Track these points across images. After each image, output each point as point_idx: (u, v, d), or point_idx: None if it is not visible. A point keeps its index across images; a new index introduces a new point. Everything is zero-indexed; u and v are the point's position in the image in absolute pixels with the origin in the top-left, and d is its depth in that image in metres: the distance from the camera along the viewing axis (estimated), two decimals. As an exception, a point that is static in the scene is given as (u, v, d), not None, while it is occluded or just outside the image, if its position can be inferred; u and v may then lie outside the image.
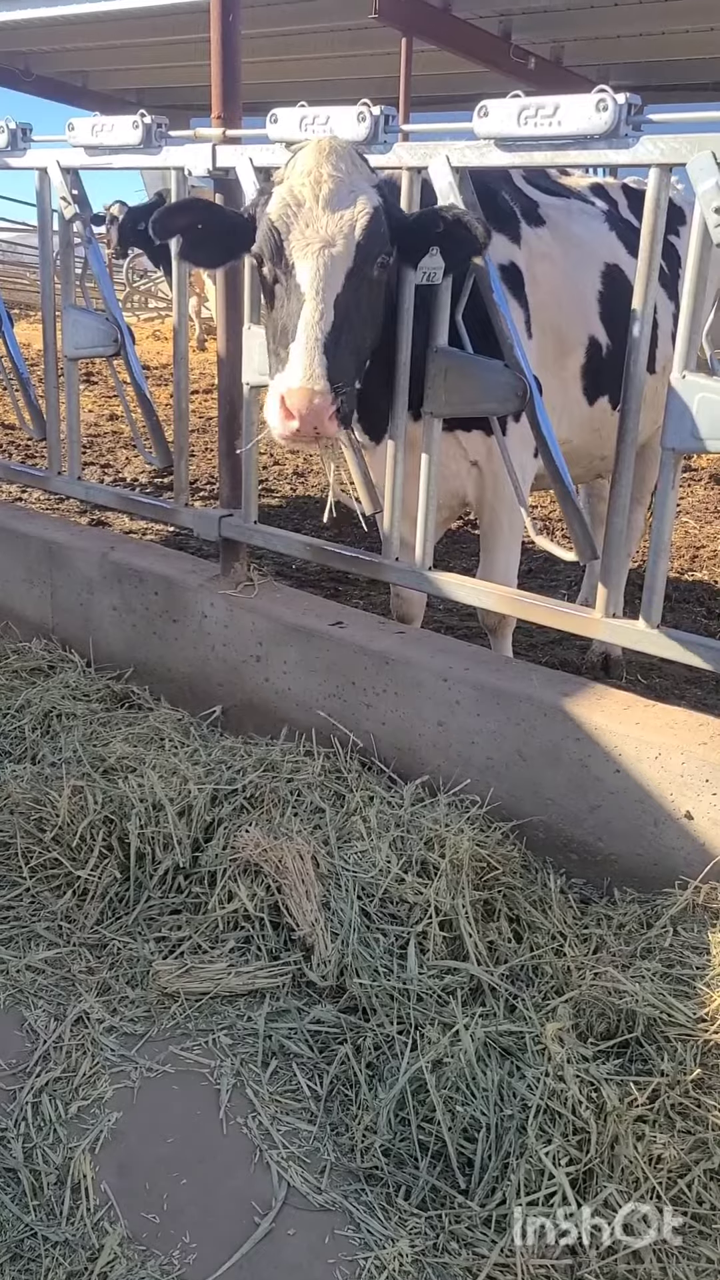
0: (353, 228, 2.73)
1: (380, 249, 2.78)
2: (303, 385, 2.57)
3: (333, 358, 2.60)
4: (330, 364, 2.59)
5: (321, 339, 2.61)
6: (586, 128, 2.60)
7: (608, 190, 4.25)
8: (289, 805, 3.07)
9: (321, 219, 2.73)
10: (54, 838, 3.03)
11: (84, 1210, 2.09)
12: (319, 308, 2.65)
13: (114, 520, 6.55)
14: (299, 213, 2.74)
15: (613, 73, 11.15)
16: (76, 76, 14.29)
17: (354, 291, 2.73)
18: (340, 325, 2.67)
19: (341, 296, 2.70)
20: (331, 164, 2.76)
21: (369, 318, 2.85)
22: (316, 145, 2.81)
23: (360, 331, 2.80)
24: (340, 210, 2.74)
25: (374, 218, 2.75)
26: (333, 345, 2.62)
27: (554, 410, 3.59)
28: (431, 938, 2.66)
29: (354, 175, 2.79)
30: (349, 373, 2.72)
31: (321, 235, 2.72)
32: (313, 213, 2.74)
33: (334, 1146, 2.26)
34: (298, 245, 2.72)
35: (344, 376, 2.65)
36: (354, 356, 2.78)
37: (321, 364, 2.58)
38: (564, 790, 2.99)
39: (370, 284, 2.79)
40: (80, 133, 3.75)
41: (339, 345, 2.65)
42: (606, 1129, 2.12)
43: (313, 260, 2.71)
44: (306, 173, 2.75)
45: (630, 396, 2.82)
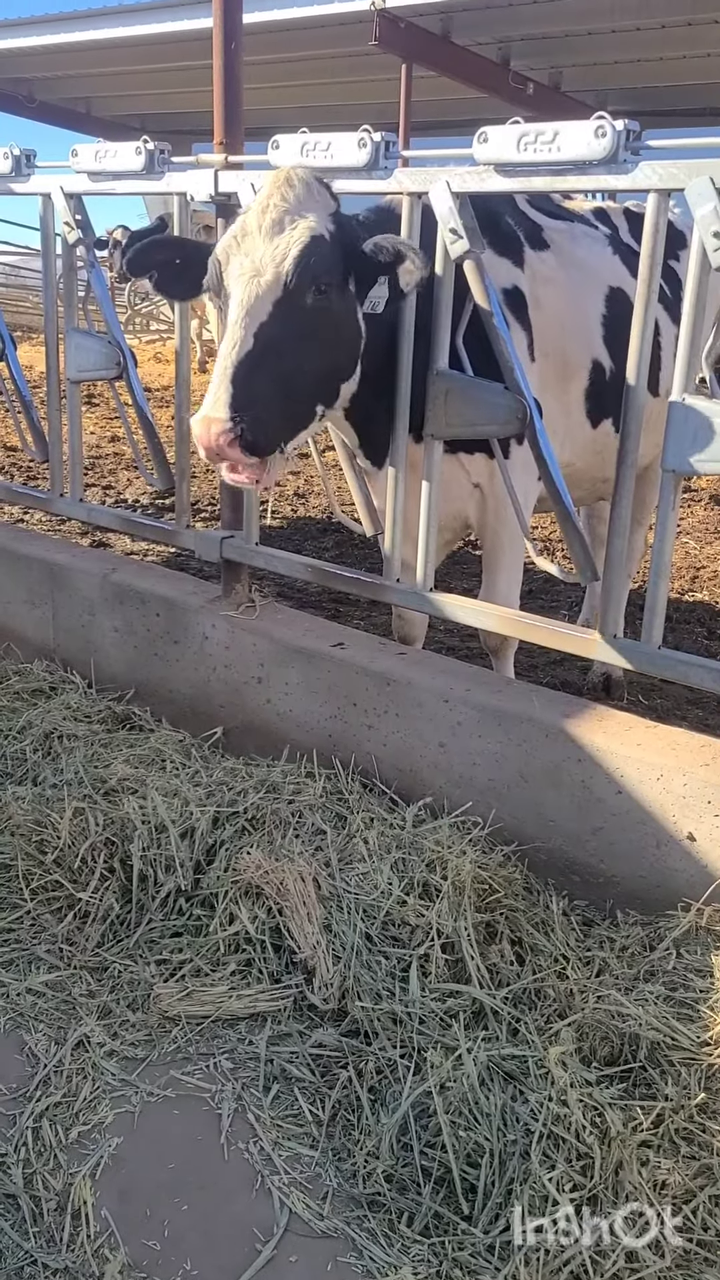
0: (285, 256, 2.73)
1: (316, 277, 2.76)
2: (205, 414, 2.66)
3: (244, 388, 2.66)
4: (238, 394, 2.65)
5: (231, 370, 2.68)
6: (585, 153, 2.63)
7: (610, 214, 4.29)
8: (290, 827, 3.06)
9: (258, 248, 2.75)
10: (55, 860, 3.02)
11: (84, 1237, 2.07)
12: (237, 337, 2.70)
13: (115, 542, 6.57)
14: (241, 243, 2.78)
15: (611, 98, 11.29)
16: (80, 103, 14.45)
17: (283, 320, 2.73)
18: (262, 355, 2.69)
19: (267, 325, 2.72)
20: (281, 194, 2.78)
21: (308, 346, 2.83)
22: (274, 175, 2.85)
23: (293, 360, 2.79)
24: (276, 239, 2.75)
25: (309, 245, 2.73)
26: (246, 375, 2.67)
27: (557, 433, 3.61)
28: (433, 960, 2.65)
29: (304, 203, 2.79)
30: (266, 402, 2.73)
31: (252, 263, 2.74)
32: (253, 241, 2.76)
33: (336, 1172, 2.24)
34: (232, 275, 2.76)
35: (255, 406, 2.68)
36: (277, 385, 2.77)
37: (227, 394, 2.65)
38: (566, 812, 2.98)
39: (306, 311, 2.77)
40: (84, 159, 3.79)
41: (255, 375, 2.69)
42: (610, 1154, 2.11)
43: (240, 289, 2.74)
44: (260, 204, 2.78)
45: (630, 418, 2.84)
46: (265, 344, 2.70)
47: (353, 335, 3.03)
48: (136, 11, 10.27)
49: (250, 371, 2.68)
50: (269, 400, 2.75)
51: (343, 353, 3.04)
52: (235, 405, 2.64)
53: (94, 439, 9.69)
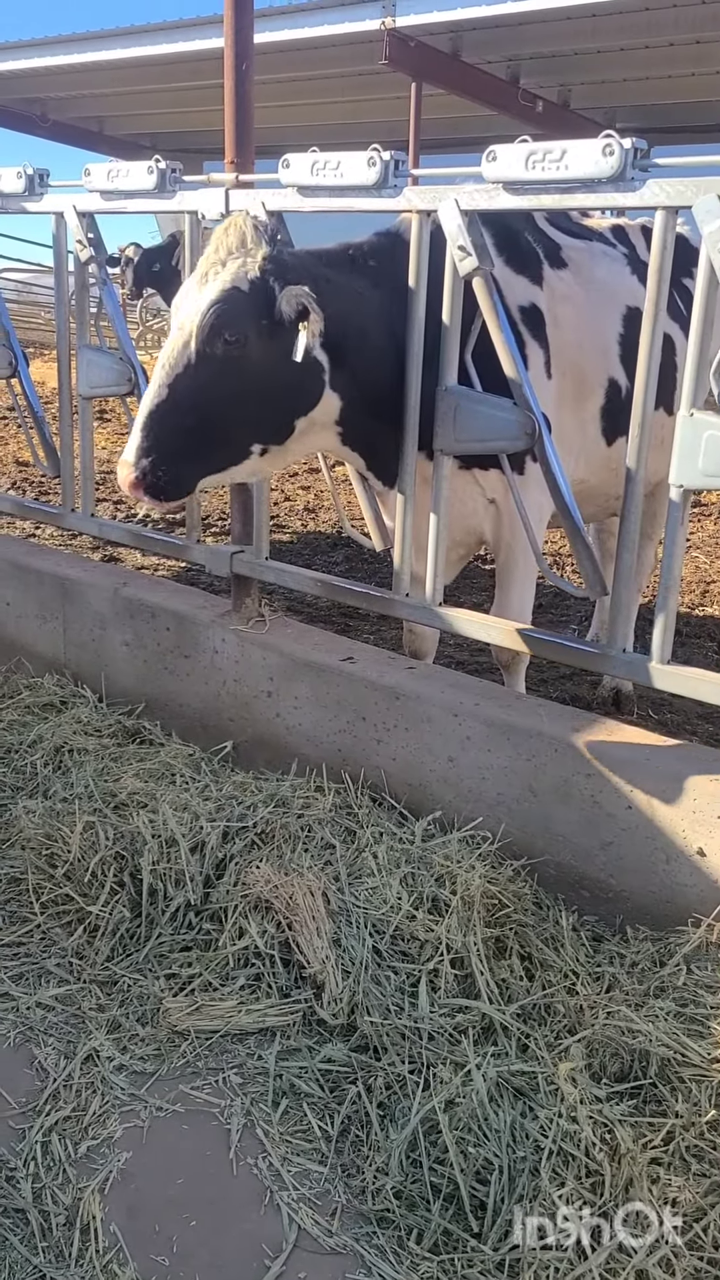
0: (198, 312, 2.88)
1: (228, 329, 2.87)
2: (122, 458, 2.89)
3: (151, 436, 2.86)
4: (145, 442, 2.86)
5: (143, 418, 2.88)
6: (593, 171, 2.65)
7: (628, 232, 4.31)
8: (299, 841, 3.06)
9: (188, 300, 2.93)
10: (65, 874, 3.03)
11: (93, 1252, 2.07)
12: (154, 389, 2.90)
13: (126, 556, 6.60)
14: (187, 294, 2.96)
15: (619, 115, 11.34)
16: (92, 122, 14.58)
17: (196, 372, 2.88)
18: (173, 405, 2.88)
19: (182, 377, 2.89)
20: (216, 244, 2.93)
21: (220, 395, 2.94)
22: (222, 224, 2.98)
23: (205, 409, 2.92)
24: (199, 296, 2.91)
25: (220, 300, 2.87)
26: (156, 425, 2.87)
27: (572, 450, 3.62)
28: (443, 975, 2.64)
29: (232, 255, 2.92)
30: (173, 450, 2.91)
31: (176, 319, 2.93)
32: (190, 292, 2.94)
33: (345, 1188, 2.23)
34: (170, 325, 2.96)
35: (161, 453, 2.88)
36: (187, 434, 2.92)
37: (138, 443, 2.87)
38: (575, 826, 2.98)
39: (219, 362, 2.89)
40: (96, 178, 3.83)
41: (164, 425, 2.88)
42: (621, 1171, 2.10)
43: (167, 342, 2.94)
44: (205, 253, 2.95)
45: (638, 433, 2.85)
46: (177, 394, 2.88)
47: (292, 378, 3.06)
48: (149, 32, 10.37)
49: (160, 421, 2.88)
50: (176, 448, 2.92)
51: (278, 397, 3.08)
52: (142, 452, 2.85)
53: (105, 454, 9.74)
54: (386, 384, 3.24)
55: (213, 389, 2.91)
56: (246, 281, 2.91)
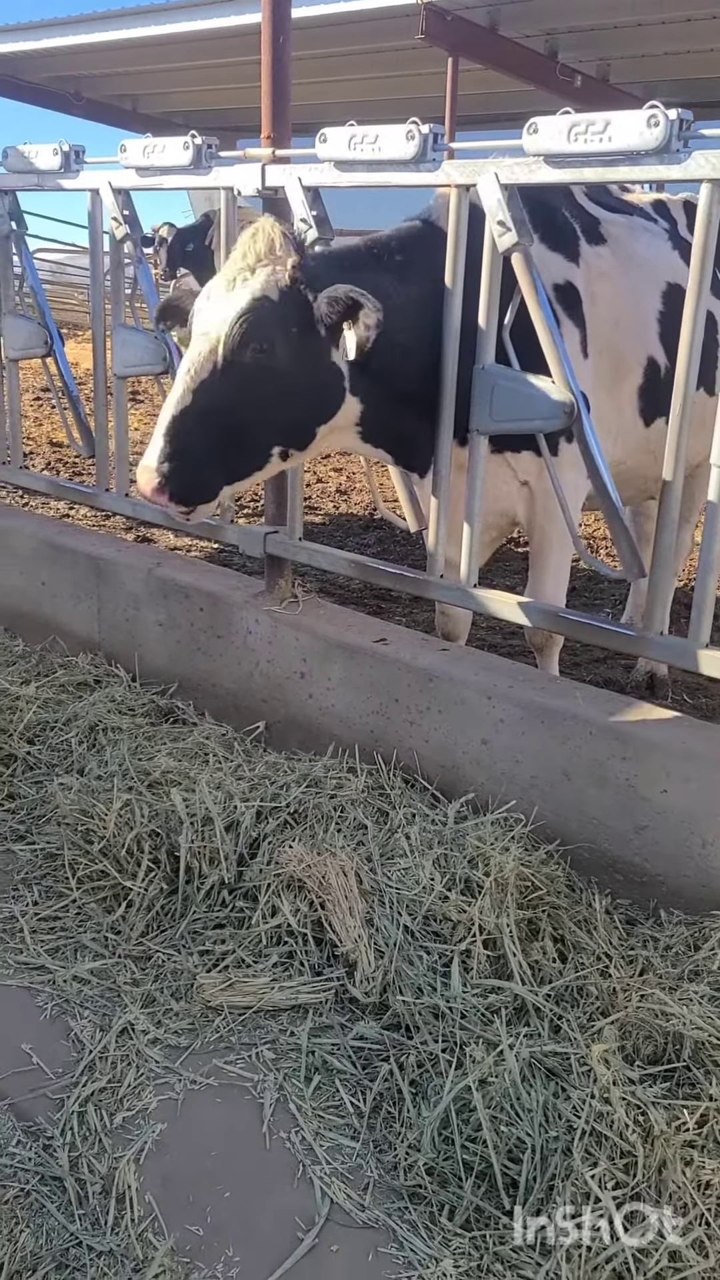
0: (225, 319, 2.84)
1: (257, 337, 2.84)
2: (143, 462, 2.86)
3: (175, 443, 2.83)
4: (169, 448, 2.83)
5: (167, 424, 2.85)
6: (637, 143, 2.60)
7: (669, 207, 4.23)
8: (332, 822, 3.07)
9: (213, 307, 2.90)
10: (101, 850, 3.05)
11: (128, 1220, 2.10)
12: (178, 393, 2.86)
13: (159, 537, 6.62)
14: (209, 298, 2.92)
15: (659, 90, 11.15)
16: (126, 100, 14.55)
17: (222, 379, 2.85)
18: (198, 412, 2.84)
19: (207, 384, 2.85)
20: (244, 250, 2.89)
21: (248, 403, 2.92)
22: (247, 230, 2.93)
23: (230, 416, 2.90)
24: (226, 303, 2.88)
25: (249, 308, 2.83)
26: (180, 431, 2.84)
27: (609, 431, 3.58)
28: (475, 956, 2.64)
29: (260, 262, 2.87)
30: (196, 457, 2.89)
31: (200, 326, 2.89)
32: (214, 298, 2.90)
33: (377, 1164, 2.25)
34: (194, 331, 2.91)
35: (184, 460, 2.86)
36: (211, 441, 2.90)
37: (160, 449, 2.85)
38: (610, 810, 2.96)
39: (246, 369, 2.86)
40: (132, 154, 3.82)
41: (189, 431, 2.84)
42: (654, 1153, 2.10)
43: (191, 348, 2.89)
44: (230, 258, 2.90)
45: (680, 412, 2.81)
46: (203, 401, 2.85)
47: (316, 383, 3.05)
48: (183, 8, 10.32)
49: (184, 427, 2.85)
50: (199, 455, 2.90)
51: (302, 403, 3.07)
52: (165, 457, 2.83)
53: (139, 435, 9.76)
54: (413, 381, 3.20)
55: (239, 397, 2.89)
56: (277, 290, 2.88)
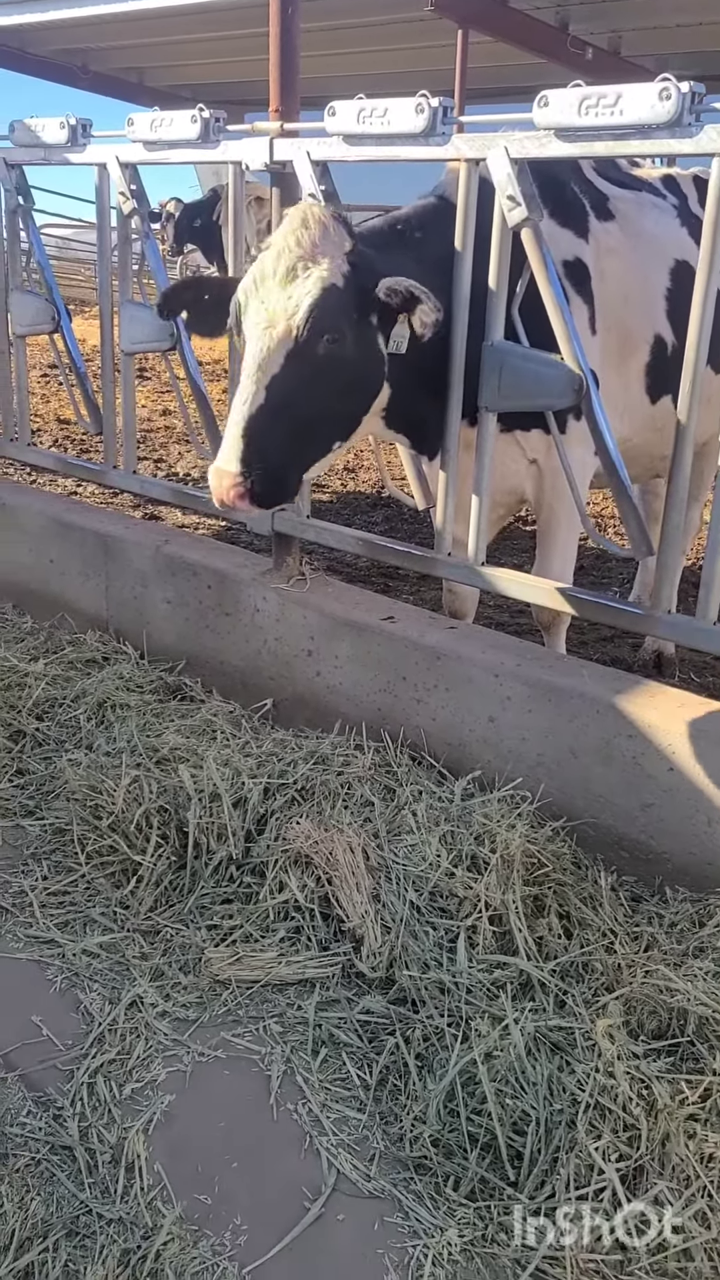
0: (296, 308, 2.73)
1: (329, 327, 2.75)
2: (218, 466, 2.73)
3: (253, 442, 2.71)
4: (248, 449, 2.70)
5: (243, 423, 2.72)
6: (649, 117, 2.57)
7: (679, 182, 4.19)
8: (339, 798, 3.09)
9: (272, 297, 2.76)
10: (110, 825, 3.07)
11: (138, 1189, 2.13)
12: (249, 390, 2.73)
13: (167, 515, 6.62)
14: (259, 288, 2.78)
15: (671, 63, 10.98)
16: (132, 73, 14.41)
17: (296, 371, 2.75)
18: (273, 408, 2.72)
19: (279, 378, 2.74)
20: (297, 237, 2.77)
21: (319, 395, 2.84)
22: (292, 214, 2.83)
23: (304, 410, 2.81)
24: (288, 289, 2.75)
25: (320, 297, 2.72)
26: (257, 430, 2.71)
27: (616, 408, 3.56)
28: (481, 932, 2.66)
29: (321, 246, 2.78)
30: (276, 455, 2.78)
31: (266, 315, 2.75)
32: (268, 288, 2.77)
33: (383, 1135, 2.28)
34: (249, 323, 2.78)
35: (265, 461, 2.73)
36: (288, 437, 2.81)
37: (238, 449, 2.71)
38: (616, 787, 2.97)
39: (317, 361, 2.77)
40: (140, 128, 3.79)
41: (266, 429, 2.72)
42: (657, 1126, 2.12)
43: (255, 341, 2.76)
44: (274, 245, 2.78)
45: (689, 389, 2.79)
46: (276, 397, 2.73)
47: (371, 372, 3.01)
48: (190, -20, 10.20)
49: (261, 425, 2.72)
50: (279, 453, 2.80)
51: (360, 392, 3.03)
52: (246, 459, 2.70)
53: (146, 412, 9.75)
54: (433, 361, 3.18)
55: (311, 390, 2.79)
56: (341, 277, 2.79)
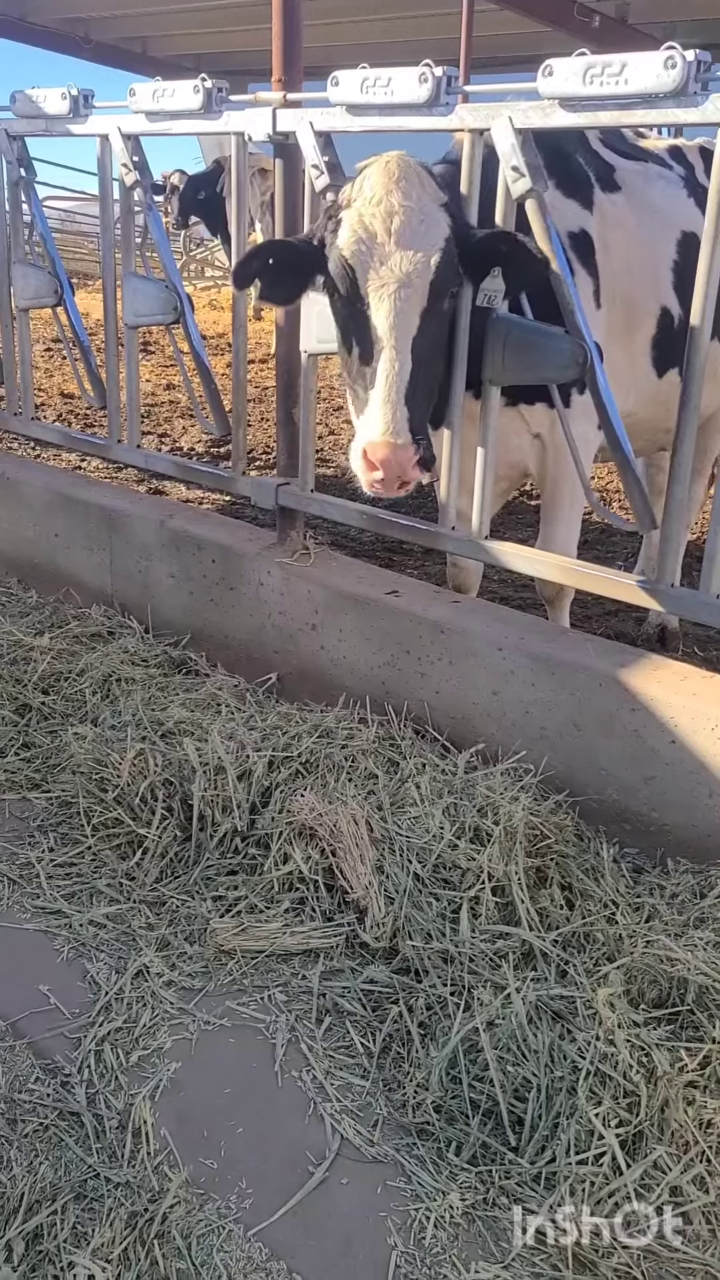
0: (427, 265, 2.66)
1: (452, 282, 2.71)
2: (384, 439, 2.60)
3: (413, 406, 2.61)
4: (411, 414, 2.61)
5: (402, 389, 2.61)
6: (654, 86, 2.55)
7: (685, 153, 4.16)
8: (343, 771, 3.10)
9: (395, 256, 2.68)
10: (115, 798, 3.10)
11: (144, 1154, 2.16)
12: (397, 357, 2.63)
13: (171, 489, 6.62)
14: (373, 248, 2.68)
15: (679, 31, 10.86)
16: (135, 43, 14.29)
17: (428, 330, 2.70)
18: (417, 370, 2.66)
19: (417, 339, 2.68)
20: (401, 191, 2.70)
21: (440, 349, 2.80)
22: (384, 168, 2.74)
23: (434, 367, 2.77)
24: (413, 247, 2.68)
25: (446, 252, 2.68)
26: (411, 393, 2.62)
27: (620, 382, 3.55)
28: (484, 903, 2.69)
29: (424, 202, 2.72)
30: (424, 415, 2.71)
31: (396, 275, 2.66)
32: (385, 249, 2.68)
33: (386, 1102, 2.31)
34: (373, 286, 2.68)
35: (424, 424, 2.66)
36: (430, 395, 2.76)
37: (403, 416, 2.60)
38: (618, 760, 2.99)
39: (441, 316, 2.74)
40: (141, 98, 3.76)
41: (417, 391, 2.64)
42: (657, 1093, 2.14)
43: (389, 303, 2.66)
44: (376, 201, 2.69)
45: (693, 362, 2.78)
46: (419, 359, 2.67)
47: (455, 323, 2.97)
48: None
49: (414, 391, 2.65)
50: (425, 415, 2.74)
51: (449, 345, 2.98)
52: (414, 428, 2.61)
53: (150, 386, 9.72)
54: None
55: (439, 345, 2.76)
56: (449, 230, 2.74)
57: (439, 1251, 1.99)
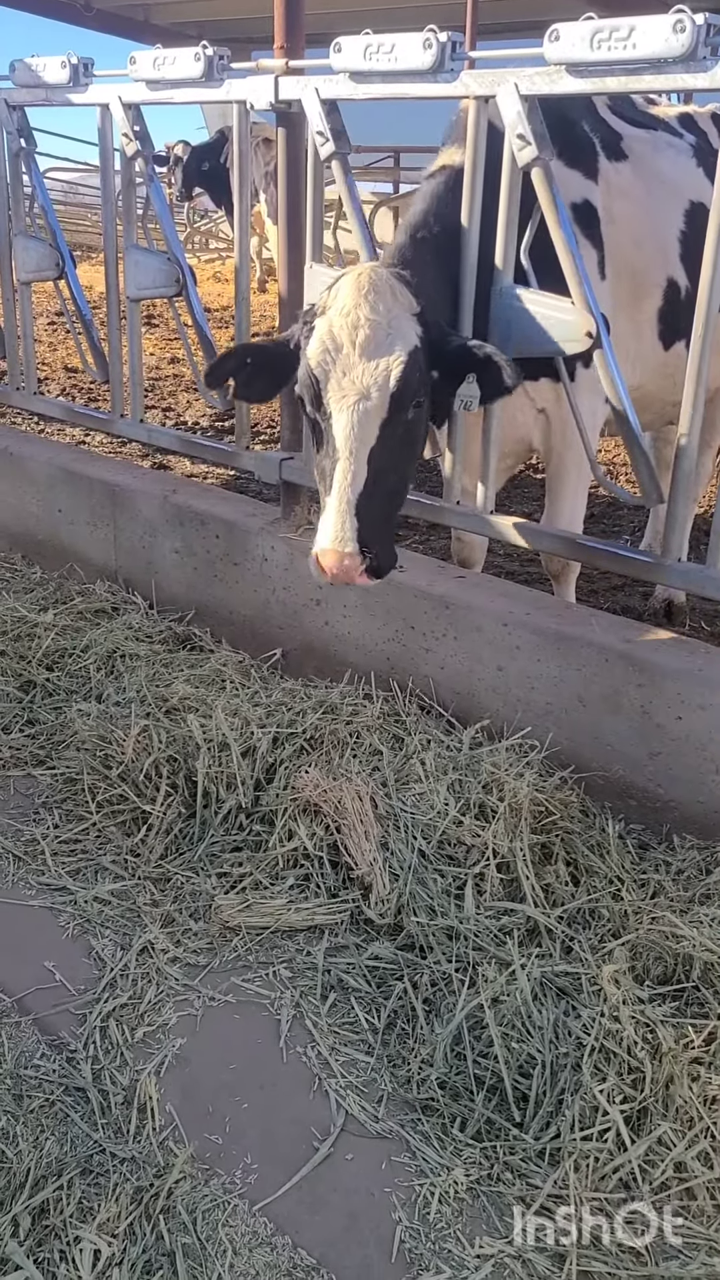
0: (387, 378, 2.67)
1: (416, 393, 2.72)
2: (333, 547, 2.64)
3: (366, 515, 2.65)
4: (364, 527, 2.64)
5: (353, 500, 2.65)
6: (663, 50, 2.50)
7: (696, 120, 4.08)
8: (348, 747, 3.10)
9: (357, 368, 2.69)
10: (120, 775, 3.10)
11: (150, 1129, 2.17)
12: (351, 467, 2.66)
13: (175, 464, 6.58)
14: (336, 359, 2.70)
15: (689, -7, 10.67)
16: (137, 10, 14.10)
17: (389, 439, 2.71)
18: (374, 479, 2.68)
19: (376, 449, 2.69)
20: (369, 304, 2.70)
21: (406, 453, 2.82)
22: (356, 280, 2.74)
23: (397, 472, 2.79)
24: (376, 359, 2.68)
25: (409, 365, 2.69)
26: (365, 503, 2.65)
27: (627, 355, 3.50)
28: (489, 879, 2.68)
29: (394, 314, 2.72)
30: (386, 524, 2.76)
31: (356, 387, 2.68)
32: (349, 360, 2.69)
33: (391, 1078, 2.31)
34: (334, 396, 2.70)
35: (379, 532, 2.69)
36: (391, 502, 2.80)
37: (352, 526, 2.63)
38: (624, 736, 2.97)
39: (405, 425, 2.75)
40: (142, 66, 3.70)
41: (371, 501, 2.67)
42: (661, 1069, 2.14)
43: (347, 414, 2.68)
44: (344, 314, 2.70)
45: (701, 334, 2.74)
46: (377, 468, 2.69)
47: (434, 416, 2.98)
48: None
49: (369, 500, 2.66)
50: (387, 521, 2.79)
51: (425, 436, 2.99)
52: (363, 538, 2.64)
53: (153, 360, 9.66)
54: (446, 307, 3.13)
55: (403, 451, 2.78)
56: (417, 339, 2.74)
57: (443, 1226, 2.00)
